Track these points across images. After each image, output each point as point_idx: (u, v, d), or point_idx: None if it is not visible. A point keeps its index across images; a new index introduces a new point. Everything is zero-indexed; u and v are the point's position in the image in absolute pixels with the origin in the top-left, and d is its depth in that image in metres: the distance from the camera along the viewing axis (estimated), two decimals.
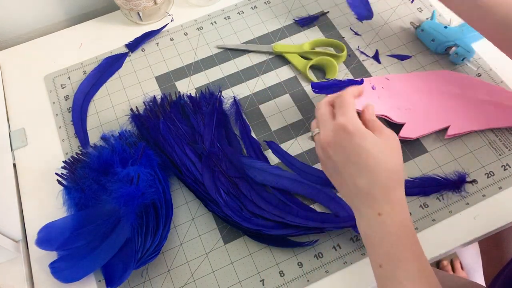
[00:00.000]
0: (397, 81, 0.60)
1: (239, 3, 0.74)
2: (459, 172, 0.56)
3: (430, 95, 0.60)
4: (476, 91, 0.60)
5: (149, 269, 0.52)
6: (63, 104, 0.65)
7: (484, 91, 0.60)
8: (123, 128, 0.60)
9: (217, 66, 0.67)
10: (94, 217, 0.52)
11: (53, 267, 0.50)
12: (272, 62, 0.67)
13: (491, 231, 0.53)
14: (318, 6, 0.72)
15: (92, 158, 0.55)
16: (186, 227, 0.55)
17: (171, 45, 0.70)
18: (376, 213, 0.40)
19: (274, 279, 0.51)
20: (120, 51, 0.69)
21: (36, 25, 0.75)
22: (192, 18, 0.73)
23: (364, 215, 0.42)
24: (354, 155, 0.41)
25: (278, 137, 0.61)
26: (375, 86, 0.58)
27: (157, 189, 0.53)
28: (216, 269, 0.52)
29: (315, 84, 0.58)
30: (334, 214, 0.54)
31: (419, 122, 0.58)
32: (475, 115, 0.59)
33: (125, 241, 0.50)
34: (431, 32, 0.64)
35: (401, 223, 0.40)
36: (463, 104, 0.59)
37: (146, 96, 0.64)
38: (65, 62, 0.69)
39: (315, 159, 0.58)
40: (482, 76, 0.63)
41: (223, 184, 0.55)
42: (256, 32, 0.70)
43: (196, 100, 0.62)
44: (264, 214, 0.53)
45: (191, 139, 0.58)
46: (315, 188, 0.55)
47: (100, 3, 0.76)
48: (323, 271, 0.51)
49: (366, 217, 0.41)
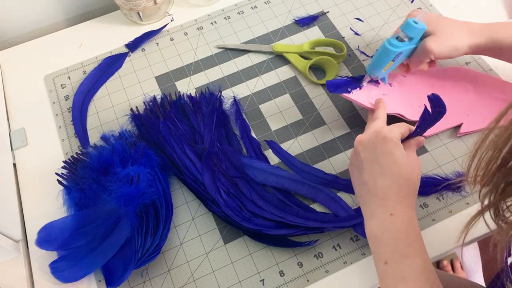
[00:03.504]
0: (412, 77, 0.60)
1: (239, 3, 0.74)
2: (459, 172, 0.56)
3: (443, 92, 0.59)
4: (489, 88, 0.60)
5: (149, 269, 0.52)
6: (63, 104, 0.65)
7: (497, 88, 0.60)
8: (123, 128, 0.60)
9: (217, 66, 0.67)
10: (94, 217, 0.52)
11: (53, 267, 0.50)
12: (272, 62, 0.67)
13: (491, 231, 0.53)
14: (318, 6, 0.72)
15: (92, 158, 0.55)
16: (186, 227, 0.55)
17: (171, 45, 0.70)
18: (389, 213, 0.43)
19: (274, 279, 0.51)
20: (120, 51, 0.69)
21: (36, 25, 0.75)
22: (192, 18, 0.73)
23: (376, 215, 0.44)
24: (383, 157, 0.45)
25: (278, 137, 0.61)
26: (392, 84, 0.59)
27: (157, 189, 0.53)
28: (216, 269, 0.52)
29: (330, 83, 0.57)
30: (334, 214, 0.54)
31: None
32: (488, 112, 0.58)
33: (125, 241, 0.50)
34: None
35: (409, 223, 0.42)
36: (476, 101, 0.59)
37: (146, 96, 0.64)
38: (65, 62, 0.69)
39: (315, 159, 0.58)
40: None
41: (223, 184, 0.55)
42: (256, 32, 0.70)
43: (196, 100, 0.62)
44: (264, 214, 0.53)
45: (191, 139, 0.58)
46: (315, 188, 0.55)
47: (100, 3, 0.76)
48: (323, 271, 0.51)
49: (378, 216, 0.43)
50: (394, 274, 0.41)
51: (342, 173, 0.57)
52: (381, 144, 0.46)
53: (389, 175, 0.44)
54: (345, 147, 0.59)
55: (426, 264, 0.41)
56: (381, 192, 0.44)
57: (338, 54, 0.65)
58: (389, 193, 0.44)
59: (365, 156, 0.46)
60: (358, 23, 0.70)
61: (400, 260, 0.41)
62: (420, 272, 0.40)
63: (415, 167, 0.46)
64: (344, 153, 0.59)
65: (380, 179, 0.44)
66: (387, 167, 0.44)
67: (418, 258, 0.41)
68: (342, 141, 0.60)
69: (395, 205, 0.43)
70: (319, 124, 0.61)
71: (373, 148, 0.46)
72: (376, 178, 0.45)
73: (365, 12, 0.71)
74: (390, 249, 0.42)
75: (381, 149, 0.45)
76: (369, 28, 0.69)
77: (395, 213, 0.43)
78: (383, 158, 0.45)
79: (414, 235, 0.42)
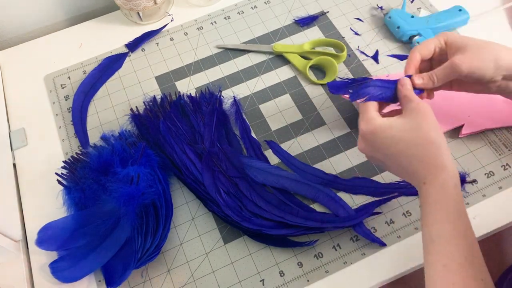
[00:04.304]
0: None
1: (239, 3, 0.74)
2: (459, 172, 0.56)
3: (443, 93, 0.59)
4: None
5: (149, 269, 0.52)
6: (63, 104, 0.65)
7: None
8: (123, 128, 0.60)
9: (217, 66, 0.67)
10: (94, 217, 0.52)
11: (53, 267, 0.50)
12: (272, 62, 0.67)
13: (491, 231, 0.53)
14: (318, 6, 0.72)
15: (92, 158, 0.55)
16: (186, 227, 0.55)
17: (171, 45, 0.70)
18: (422, 182, 0.43)
19: (274, 279, 0.51)
20: (120, 51, 0.69)
21: (36, 25, 0.75)
22: (192, 18, 0.73)
23: (416, 186, 0.44)
24: (386, 148, 0.44)
25: (278, 137, 0.61)
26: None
27: (157, 189, 0.53)
28: (216, 269, 0.52)
29: (331, 84, 0.56)
30: (334, 214, 0.54)
31: None
32: (489, 113, 0.58)
33: (125, 241, 0.50)
34: (397, 20, 0.66)
35: (442, 186, 0.42)
36: (477, 102, 0.59)
37: (146, 96, 0.64)
38: (65, 62, 0.69)
39: (315, 159, 0.58)
40: None
41: (223, 184, 0.55)
42: (256, 32, 0.70)
43: (196, 100, 0.62)
44: (264, 214, 0.53)
45: (191, 139, 0.58)
46: (315, 188, 0.55)
47: (100, 3, 0.76)
48: (323, 271, 0.51)
49: (418, 187, 0.44)
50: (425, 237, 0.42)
51: (342, 173, 0.57)
52: (374, 141, 0.45)
53: (402, 155, 0.43)
54: (345, 147, 0.59)
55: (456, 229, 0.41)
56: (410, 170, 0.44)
57: (338, 54, 0.65)
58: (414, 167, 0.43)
59: (378, 157, 0.46)
60: (358, 23, 0.70)
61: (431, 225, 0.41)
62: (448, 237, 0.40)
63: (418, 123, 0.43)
64: (344, 153, 0.59)
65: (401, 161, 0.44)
66: (394, 152, 0.44)
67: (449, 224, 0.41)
68: (342, 141, 0.60)
69: (425, 174, 0.42)
70: (319, 124, 0.61)
71: (376, 148, 0.46)
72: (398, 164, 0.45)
73: (365, 12, 0.71)
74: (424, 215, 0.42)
75: (378, 144, 0.45)
76: (369, 28, 0.69)
77: (427, 181, 0.42)
78: (386, 149, 0.44)
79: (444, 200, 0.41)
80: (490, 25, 0.69)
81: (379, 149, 0.45)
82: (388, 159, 0.45)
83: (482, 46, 0.46)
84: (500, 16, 0.70)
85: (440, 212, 0.41)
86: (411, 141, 0.43)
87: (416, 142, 0.43)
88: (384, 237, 0.53)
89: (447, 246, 0.40)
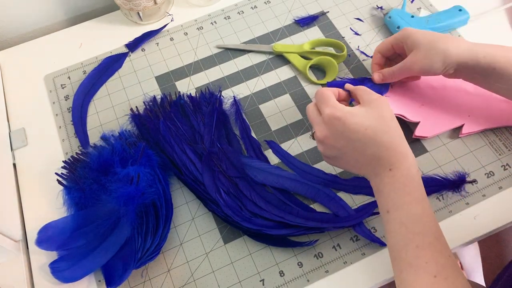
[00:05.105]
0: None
1: (239, 3, 0.74)
2: (459, 172, 0.56)
3: (443, 92, 0.60)
4: None
5: (149, 269, 0.52)
6: (63, 104, 0.65)
7: None
8: (123, 128, 0.60)
9: (217, 66, 0.67)
10: (94, 217, 0.52)
11: (53, 267, 0.50)
12: (272, 62, 0.67)
13: (491, 231, 0.53)
14: (318, 6, 0.72)
15: (92, 158, 0.55)
16: (186, 227, 0.55)
17: (171, 45, 0.70)
18: (388, 169, 0.44)
19: (274, 279, 0.51)
20: (120, 51, 0.69)
21: (36, 25, 0.75)
22: (192, 18, 0.73)
23: (378, 174, 0.45)
24: (353, 133, 0.45)
25: (278, 137, 0.61)
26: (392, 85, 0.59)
27: (157, 189, 0.53)
28: (216, 269, 0.52)
29: (331, 85, 0.57)
30: (334, 214, 0.54)
31: (433, 121, 0.58)
32: (489, 113, 0.58)
33: (125, 241, 0.50)
34: (397, 20, 0.67)
35: (408, 171, 0.44)
36: (477, 102, 0.59)
37: (146, 96, 0.64)
38: (65, 62, 0.69)
39: (315, 159, 0.58)
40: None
41: (223, 184, 0.55)
42: (256, 32, 0.70)
43: (196, 100, 0.62)
44: (264, 214, 0.53)
45: (191, 139, 0.58)
46: (315, 188, 0.55)
47: (100, 3, 0.76)
48: (323, 271, 0.51)
49: (380, 175, 0.45)
50: (394, 222, 0.43)
51: (342, 173, 0.57)
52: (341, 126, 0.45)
53: (370, 141, 0.44)
54: None
55: (425, 210, 0.42)
56: (375, 157, 0.45)
57: (338, 54, 0.65)
58: (380, 153, 0.44)
59: (340, 144, 0.46)
60: (358, 23, 0.70)
61: (399, 208, 0.43)
62: (418, 217, 0.42)
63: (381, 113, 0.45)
64: None
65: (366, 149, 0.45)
66: (362, 137, 0.45)
67: (417, 206, 0.42)
68: None
69: (391, 161, 0.44)
70: None
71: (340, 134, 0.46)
72: (363, 152, 0.45)
73: (365, 12, 0.71)
74: (390, 199, 0.43)
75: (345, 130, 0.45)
76: (369, 28, 0.69)
77: (393, 167, 0.44)
78: (354, 134, 0.45)
79: (411, 183, 0.43)
80: (490, 25, 0.69)
81: (343, 137, 0.45)
82: (350, 147, 0.46)
83: (431, 46, 0.51)
84: (500, 16, 0.70)
85: (408, 196, 0.43)
86: (379, 128, 0.44)
87: (383, 130, 0.44)
88: (384, 237, 0.53)
89: (418, 227, 0.41)
